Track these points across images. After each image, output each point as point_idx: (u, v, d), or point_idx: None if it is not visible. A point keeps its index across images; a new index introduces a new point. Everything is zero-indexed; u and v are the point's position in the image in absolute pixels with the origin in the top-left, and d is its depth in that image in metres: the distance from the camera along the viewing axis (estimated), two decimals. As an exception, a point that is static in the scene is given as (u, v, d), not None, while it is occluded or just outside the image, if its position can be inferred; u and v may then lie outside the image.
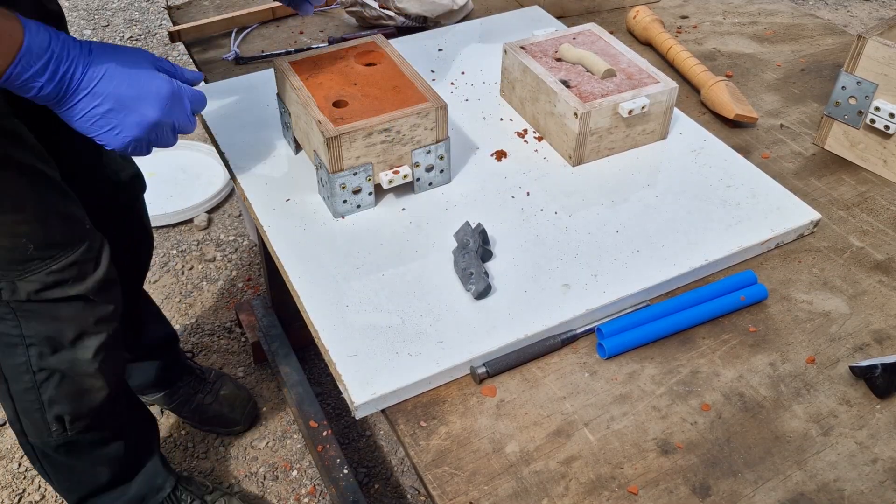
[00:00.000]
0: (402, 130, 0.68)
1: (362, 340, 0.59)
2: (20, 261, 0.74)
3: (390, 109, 0.68)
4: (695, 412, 0.57)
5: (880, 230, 0.74)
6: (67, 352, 0.81)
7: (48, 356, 0.80)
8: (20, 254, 0.73)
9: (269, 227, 0.70)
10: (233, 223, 1.73)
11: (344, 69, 0.74)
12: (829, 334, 0.63)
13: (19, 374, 0.81)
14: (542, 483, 0.53)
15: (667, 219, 0.71)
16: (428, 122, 0.69)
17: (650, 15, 1.00)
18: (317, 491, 1.23)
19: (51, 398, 0.83)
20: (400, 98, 0.70)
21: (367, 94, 0.70)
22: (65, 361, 0.81)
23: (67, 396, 0.83)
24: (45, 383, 0.82)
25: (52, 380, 0.82)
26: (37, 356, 0.80)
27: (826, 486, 0.53)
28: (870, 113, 0.77)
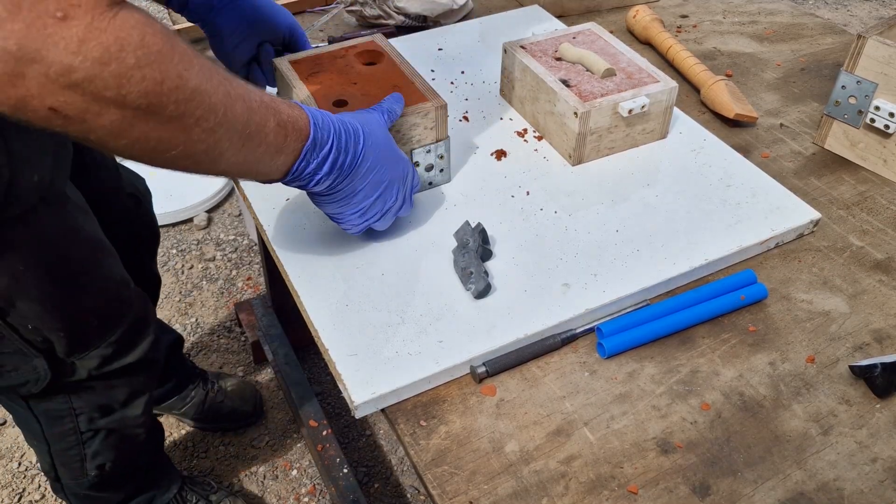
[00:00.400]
0: (402, 130, 0.68)
1: (362, 340, 0.59)
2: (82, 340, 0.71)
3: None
4: (694, 411, 0.57)
5: (880, 229, 0.74)
6: (118, 412, 0.79)
7: (98, 419, 0.78)
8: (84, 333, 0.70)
9: (268, 227, 0.70)
10: (233, 222, 1.73)
11: (344, 68, 0.74)
12: (828, 334, 0.63)
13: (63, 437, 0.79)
14: (541, 482, 0.53)
15: (667, 218, 0.71)
16: (428, 121, 0.69)
17: (650, 14, 1.00)
18: (316, 490, 1.23)
19: (95, 452, 0.81)
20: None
21: (366, 94, 0.70)
22: (115, 421, 0.80)
23: (111, 448, 0.82)
24: (90, 441, 0.80)
25: (97, 437, 0.80)
26: (86, 422, 0.78)
27: (826, 486, 0.53)
28: (870, 112, 0.77)
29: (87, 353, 0.72)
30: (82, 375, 0.73)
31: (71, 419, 0.76)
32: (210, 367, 1.41)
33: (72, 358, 0.71)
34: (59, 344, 0.69)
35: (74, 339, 0.70)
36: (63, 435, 0.78)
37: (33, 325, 0.66)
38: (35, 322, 0.66)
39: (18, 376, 0.69)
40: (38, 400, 0.74)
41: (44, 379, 0.69)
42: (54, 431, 0.78)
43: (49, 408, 0.75)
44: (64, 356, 0.70)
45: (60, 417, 0.76)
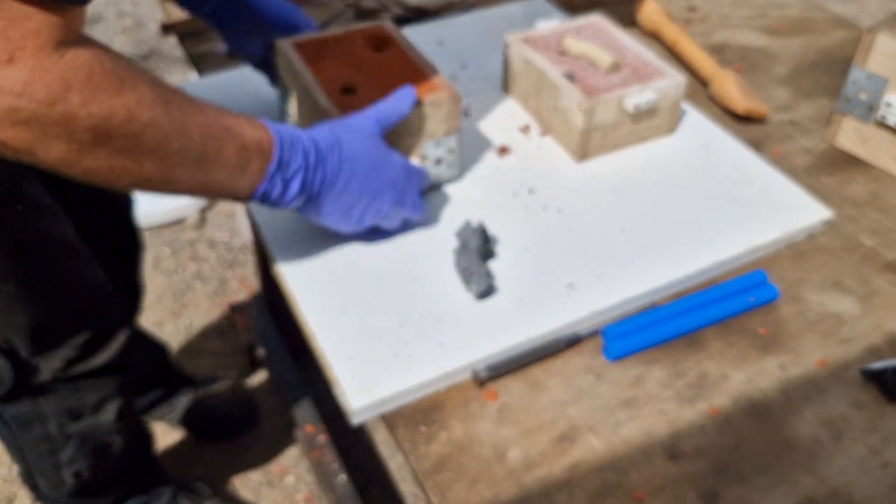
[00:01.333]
0: (413, 120, 0.65)
1: (359, 343, 0.58)
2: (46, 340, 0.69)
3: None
4: (703, 416, 0.56)
5: (891, 229, 0.72)
6: (89, 418, 0.78)
7: (68, 424, 0.77)
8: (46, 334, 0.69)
9: (264, 227, 0.68)
10: (226, 222, 1.71)
11: (350, 53, 0.71)
12: (839, 336, 0.62)
13: (36, 444, 0.78)
14: (545, 490, 0.51)
15: (674, 217, 0.70)
16: (439, 112, 0.66)
17: (657, 7, 0.98)
18: (313, 497, 1.22)
19: (70, 458, 0.80)
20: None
21: (375, 81, 0.67)
22: (86, 427, 0.78)
23: (86, 455, 0.81)
24: (64, 448, 0.78)
25: (70, 443, 0.79)
26: (56, 426, 0.76)
27: (836, 492, 0.52)
28: (881, 109, 0.75)
29: (49, 353, 0.70)
30: (46, 377, 0.71)
31: (41, 425, 0.75)
32: (203, 369, 1.39)
33: (35, 359, 0.70)
34: (22, 344, 0.68)
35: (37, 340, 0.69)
36: (35, 442, 0.77)
37: None
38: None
39: None
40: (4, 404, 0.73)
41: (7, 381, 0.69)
42: (26, 437, 0.77)
43: (17, 413, 0.74)
44: (27, 357, 0.69)
45: (29, 423, 0.75)
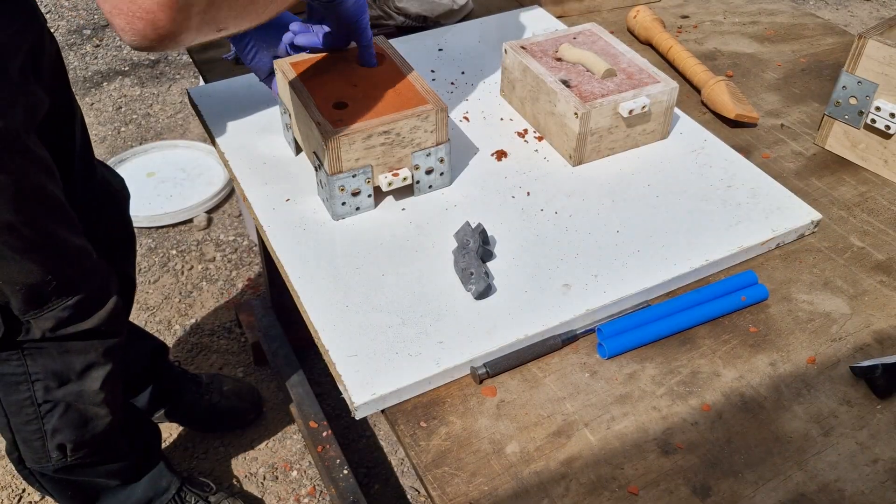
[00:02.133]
0: (402, 133, 0.68)
1: (362, 340, 0.59)
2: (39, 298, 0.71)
3: (390, 111, 0.68)
4: (695, 412, 0.57)
5: (881, 230, 0.74)
6: (75, 384, 0.79)
7: (54, 389, 0.78)
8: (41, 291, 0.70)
9: (269, 227, 0.69)
10: (233, 223, 1.73)
11: (345, 70, 0.74)
12: (829, 334, 0.63)
13: (21, 408, 0.79)
14: (542, 483, 0.52)
15: (667, 219, 0.71)
16: (428, 124, 0.68)
17: (650, 14, 1.00)
18: (316, 491, 1.23)
19: (54, 428, 0.80)
20: (400, 100, 0.69)
21: (367, 96, 0.70)
22: (71, 394, 0.79)
23: (71, 425, 0.81)
24: (48, 414, 0.79)
25: (55, 410, 0.79)
26: (42, 390, 0.77)
27: (826, 487, 0.53)
28: (870, 113, 0.77)
29: (41, 312, 0.71)
30: (36, 335, 0.72)
31: (27, 386, 0.76)
32: (210, 367, 1.41)
33: (27, 316, 0.71)
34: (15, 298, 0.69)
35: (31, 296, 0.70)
36: (20, 405, 0.78)
37: None
38: None
39: None
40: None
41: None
42: (11, 399, 0.77)
43: (5, 372, 0.75)
44: (19, 313, 0.70)
45: (16, 384, 0.76)
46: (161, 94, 2.13)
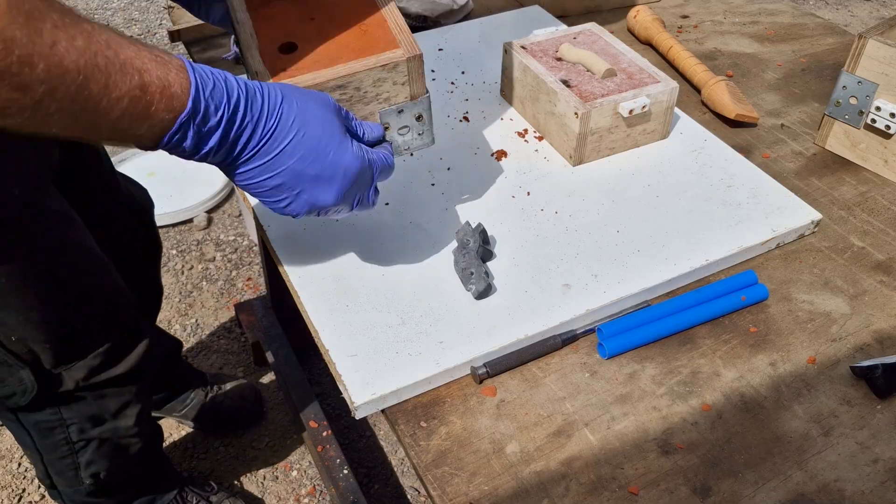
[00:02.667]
0: (364, 87, 0.54)
1: (362, 340, 0.59)
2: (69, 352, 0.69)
3: (348, 58, 0.53)
4: (695, 412, 0.57)
5: (881, 230, 0.74)
6: (110, 423, 0.77)
7: (90, 430, 0.77)
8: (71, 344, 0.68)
9: (268, 227, 0.70)
10: (232, 223, 1.73)
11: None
12: (829, 334, 0.63)
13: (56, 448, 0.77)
14: (542, 483, 0.52)
15: (667, 219, 0.71)
16: (397, 75, 0.55)
17: (650, 14, 1.00)
18: (316, 491, 1.23)
19: (88, 461, 0.79)
20: (364, 42, 0.55)
21: (323, 34, 0.56)
22: (107, 431, 0.78)
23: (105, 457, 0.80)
24: (83, 450, 0.78)
25: (90, 446, 0.78)
26: (77, 432, 0.76)
27: (827, 487, 0.53)
28: (870, 113, 0.77)
29: (73, 364, 0.70)
30: (69, 387, 0.71)
31: (62, 430, 0.75)
32: (210, 367, 1.41)
33: (58, 369, 0.70)
34: (45, 355, 0.68)
35: (60, 350, 0.68)
36: (55, 446, 0.77)
37: (17, 337, 0.65)
38: (18, 333, 0.65)
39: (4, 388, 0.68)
40: (26, 412, 0.73)
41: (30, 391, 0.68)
42: (46, 443, 0.76)
43: (39, 420, 0.74)
44: (50, 367, 0.69)
45: (51, 429, 0.75)
46: (161, 94, 2.12)
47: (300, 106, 0.48)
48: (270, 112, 0.47)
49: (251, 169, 0.48)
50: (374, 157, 0.53)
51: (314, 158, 0.49)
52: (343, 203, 0.52)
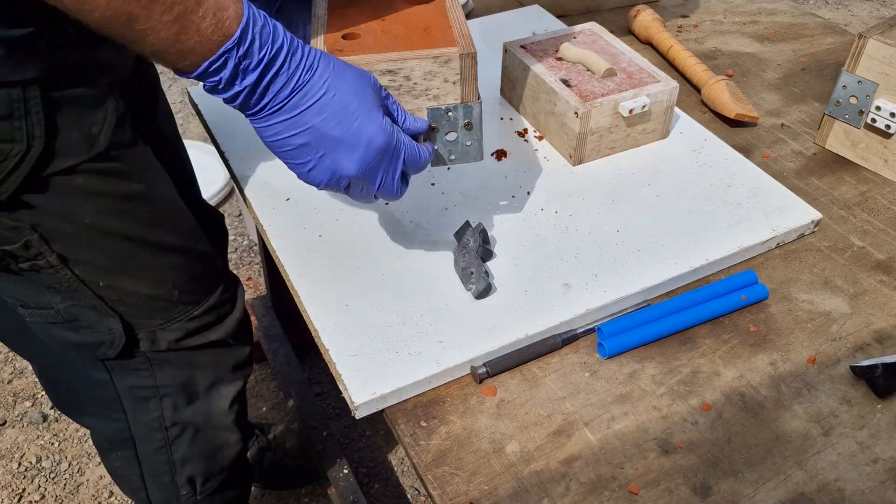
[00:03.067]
0: (414, 77, 0.54)
1: (362, 340, 0.59)
2: (163, 309, 0.66)
3: (404, 48, 0.53)
4: (695, 412, 0.57)
5: (881, 230, 0.74)
6: (203, 402, 0.74)
7: (183, 408, 0.73)
8: (165, 302, 0.66)
9: (268, 227, 0.70)
10: (232, 223, 1.73)
11: (382, 4, 0.60)
12: (829, 334, 0.63)
13: (151, 432, 0.73)
14: (542, 483, 0.52)
15: (667, 218, 0.71)
16: (448, 71, 0.53)
17: (650, 14, 1.00)
18: (316, 491, 1.23)
19: (183, 457, 0.75)
20: (424, 39, 0.55)
21: (387, 31, 0.56)
22: (200, 413, 0.74)
23: (201, 454, 0.76)
24: (177, 440, 0.74)
25: (185, 435, 0.74)
26: (171, 408, 0.72)
27: (827, 486, 0.53)
28: (871, 112, 0.77)
29: (167, 324, 0.67)
30: (161, 346, 0.67)
31: (156, 402, 0.71)
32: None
33: (151, 327, 0.66)
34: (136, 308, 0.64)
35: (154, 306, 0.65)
36: (149, 427, 0.72)
37: (105, 283, 0.62)
38: (107, 279, 0.62)
39: (94, 335, 0.64)
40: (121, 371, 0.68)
41: (118, 342, 0.64)
42: (140, 420, 0.72)
43: (134, 384, 0.69)
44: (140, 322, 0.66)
45: (145, 399, 0.71)
46: (161, 94, 2.12)
47: (336, 70, 0.49)
48: (307, 67, 0.48)
49: (277, 122, 0.49)
50: (404, 140, 0.53)
51: (339, 121, 0.49)
52: (365, 178, 0.52)
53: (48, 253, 0.58)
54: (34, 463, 1.25)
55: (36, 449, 1.28)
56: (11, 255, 0.58)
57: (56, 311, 0.63)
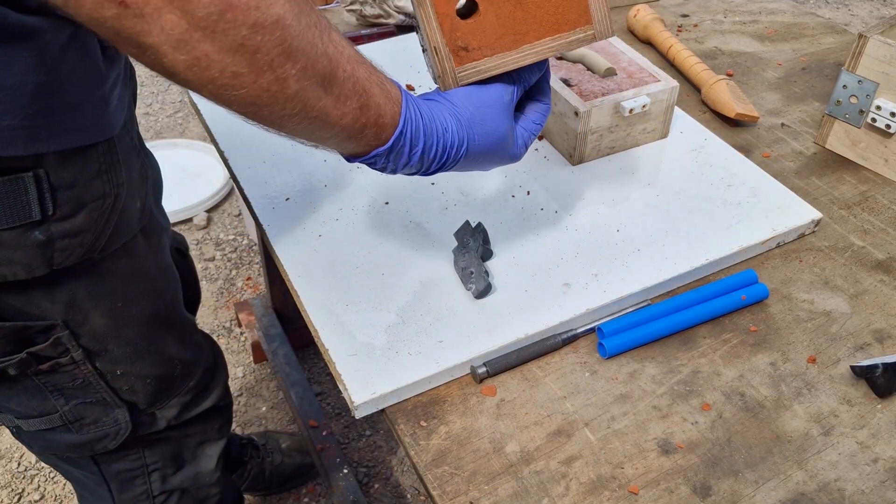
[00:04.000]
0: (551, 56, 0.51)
1: (362, 340, 0.59)
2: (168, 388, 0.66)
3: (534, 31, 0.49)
4: (695, 412, 0.57)
5: (881, 229, 0.74)
6: (190, 467, 0.73)
7: (171, 477, 0.72)
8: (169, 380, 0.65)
9: (268, 227, 0.69)
10: (232, 222, 1.73)
11: None
12: (829, 334, 0.63)
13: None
14: (542, 483, 0.52)
15: (667, 218, 0.71)
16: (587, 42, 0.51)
17: (651, 13, 1.00)
18: (316, 491, 1.23)
19: None
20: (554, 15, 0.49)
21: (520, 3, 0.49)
22: (189, 478, 0.74)
23: None
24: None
25: (170, 500, 0.74)
26: (159, 481, 0.72)
27: (827, 486, 0.53)
28: (871, 112, 0.77)
29: (168, 401, 0.67)
30: (160, 426, 0.67)
31: (143, 480, 0.71)
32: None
33: (153, 408, 0.66)
34: (144, 392, 0.64)
35: (161, 386, 0.65)
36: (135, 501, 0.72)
37: (122, 371, 0.61)
38: (125, 367, 0.61)
39: (97, 430, 0.63)
40: (110, 460, 0.68)
41: (123, 432, 0.64)
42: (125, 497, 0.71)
43: (121, 469, 0.69)
44: (146, 406, 0.65)
45: (132, 479, 0.70)
46: (160, 94, 2.12)
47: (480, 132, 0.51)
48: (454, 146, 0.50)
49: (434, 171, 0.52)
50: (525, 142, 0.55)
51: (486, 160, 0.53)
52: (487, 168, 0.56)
53: (74, 349, 0.57)
54: (34, 463, 1.25)
55: (36, 449, 1.28)
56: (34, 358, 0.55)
57: (60, 414, 0.60)
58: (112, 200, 0.52)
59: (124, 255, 0.56)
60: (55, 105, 0.45)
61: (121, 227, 0.54)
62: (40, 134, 0.45)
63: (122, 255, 0.56)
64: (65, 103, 0.46)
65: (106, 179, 0.51)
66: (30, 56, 0.43)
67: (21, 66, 0.43)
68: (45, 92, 0.44)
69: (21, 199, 0.46)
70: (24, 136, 0.44)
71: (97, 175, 0.50)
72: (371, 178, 0.75)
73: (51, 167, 0.47)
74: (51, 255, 0.50)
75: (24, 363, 0.55)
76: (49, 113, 0.45)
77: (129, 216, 0.55)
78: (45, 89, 0.44)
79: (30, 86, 0.44)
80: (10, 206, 0.46)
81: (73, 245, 0.51)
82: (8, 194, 0.46)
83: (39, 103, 0.44)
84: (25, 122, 0.44)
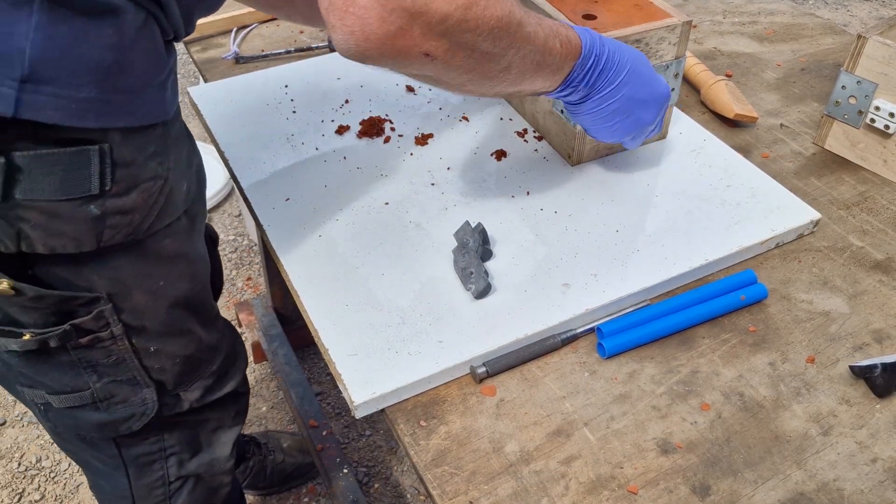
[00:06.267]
0: (651, 42, 0.70)
1: (362, 340, 0.59)
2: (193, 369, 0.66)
3: (638, 23, 0.70)
4: (695, 412, 0.57)
5: (880, 230, 0.74)
6: (206, 452, 0.74)
7: (187, 462, 0.73)
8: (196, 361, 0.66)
9: (268, 227, 0.70)
10: (232, 223, 1.73)
11: None
12: (828, 334, 0.63)
13: (152, 490, 0.73)
14: (541, 482, 0.53)
15: (666, 218, 0.71)
16: (672, 36, 0.71)
17: (650, 14, 1.00)
18: (316, 490, 1.23)
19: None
20: (643, 13, 0.72)
21: (611, 10, 0.72)
22: (204, 464, 0.74)
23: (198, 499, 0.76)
24: (178, 492, 0.74)
25: (185, 486, 0.74)
26: (176, 465, 0.72)
27: (826, 486, 0.53)
28: (870, 112, 0.77)
29: (192, 383, 0.67)
30: (183, 408, 0.68)
31: (161, 465, 0.71)
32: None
33: (179, 388, 0.66)
34: (173, 372, 0.65)
35: (187, 366, 0.66)
36: (150, 488, 0.73)
37: (155, 348, 0.62)
38: (158, 345, 0.62)
39: (125, 409, 0.64)
40: (131, 443, 0.68)
41: (150, 412, 0.65)
42: (142, 483, 0.72)
43: (141, 452, 0.70)
44: (172, 386, 0.66)
45: (150, 463, 0.71)
46: (161, 94, 2.12)
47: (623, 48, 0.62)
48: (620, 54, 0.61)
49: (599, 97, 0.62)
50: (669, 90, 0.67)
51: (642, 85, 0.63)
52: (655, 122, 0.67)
53: (114, 324, 0.57)
54: (34, 463, 1.26)
55: (36, 449, 1.28)
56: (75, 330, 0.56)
57: (91, 391, 0.61)
58: (162, 182, 0.53)
59: (168, 236, 0.57)
60: (125, 84, 0.47)
61: (167, 209, 0.55)
62: (111, 109, 0.47)
63: (165, 236, 0.57)
64: (133, 83, 0.48)
65: (159, 162, 0.52)
66: (113, 33, 0.45)
67: (103, 42, 0.45)
68: (118, 70, 0.46)
69: (83, 171, 0.48)
70: (96, 110, 0.46)
71: (152, 156, 0.52)
72: (371, 178, 0.76)
73: (115, 143, 0.48)
74: (101, 231, 0.51)
75: (66, 335, 0.55)
76: (119, 91, 0.47)
77: (176, 199, 0.56)
78: (119, 67, 0.46)
79: (107, 62, 0.46)
80: (72, 178, 0.47)
81: (123, 223, 0.52)
82: (72, 165, 0.47)
83: (112, 80, 0.46)
84: (100, 96, 0.46)
